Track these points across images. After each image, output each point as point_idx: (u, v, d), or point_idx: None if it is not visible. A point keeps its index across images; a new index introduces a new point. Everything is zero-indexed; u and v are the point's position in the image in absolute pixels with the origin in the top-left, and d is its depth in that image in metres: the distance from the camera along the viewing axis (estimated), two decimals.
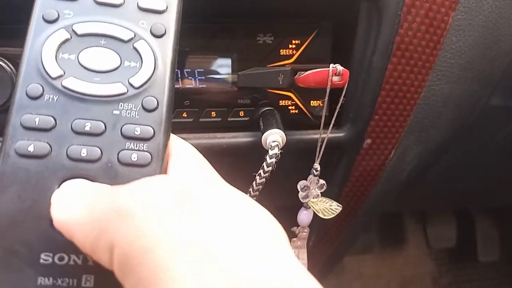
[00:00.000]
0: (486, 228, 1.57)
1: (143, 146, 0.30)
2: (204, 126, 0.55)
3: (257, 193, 0.49)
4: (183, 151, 0.32)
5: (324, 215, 0.53)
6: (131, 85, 0.31)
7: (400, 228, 1.59)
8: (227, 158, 0.58)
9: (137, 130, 0.30)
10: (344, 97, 0.50)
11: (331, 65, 0.48)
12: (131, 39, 0.32)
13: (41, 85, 0.30)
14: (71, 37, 0.32)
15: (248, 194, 0.49)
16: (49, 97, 0.30)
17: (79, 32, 0.32)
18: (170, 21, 0.34)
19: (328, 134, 0.52)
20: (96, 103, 0.30)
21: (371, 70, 0.52)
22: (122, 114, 0.30)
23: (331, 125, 0.52)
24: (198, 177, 0.29)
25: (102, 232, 0.25)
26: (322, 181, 0.53)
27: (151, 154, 0.30)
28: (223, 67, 0.53)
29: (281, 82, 0.53)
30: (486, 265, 1.58)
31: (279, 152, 0.48)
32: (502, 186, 0.90)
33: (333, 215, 0.54)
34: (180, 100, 0.53)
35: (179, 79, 0.53)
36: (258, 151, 0.50)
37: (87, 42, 0.32)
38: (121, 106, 0.30)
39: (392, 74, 0.52)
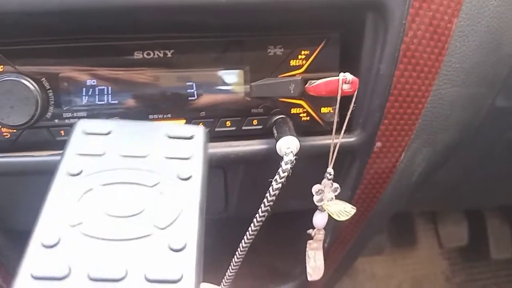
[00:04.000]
0: (497, 226, 1.57)
1: None
2: (219, 135, 0.57)
3: (273, 198, 0.51)
4: None
5: (339, 217, 0.55)
6: (156, 226, 0.29)
7: (411, 229, 1.59)
8: (243, 165, 0.60)
9: (163, 272, 0.27)
10: (354, 103, 0.52)
11: (341, 74, 0.50)
12: (156, 184, 0.31)
13: (58, 233, 0.28)
14: (94, 187, 0.31)
15: (265, 200, 0.51)
16: (66, 244, 0.28)
17: (103, 182, 0.31)
18: (196, 165, 0.33)
19: (340, 140, 0.54)
20: (117, 246, 0.28)
21: (379, 77, 0.54)
22: (146, 255, 0.28)
23: (342, 131, 0.54)
24: None
25: None
26: (336, 185, 0.55)
27: None
28: (236, 78, 0.56)
29: (292, 91, 0.55)
30: (499, 263, 1.58)
31: (294, 158, 0.50)
32: (510, 185, 0.91)
33: (347, 217, 0.55)
34: (196, 111, 0.56)
35: (195, 91, 0.55)
36: (272, 158, 0.53)
37: (110, 190, 0.31)
38: (144, 247, 0.28)
39: (399, 80, 0.54)
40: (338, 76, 0.51)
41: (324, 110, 0.58)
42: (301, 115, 0.58)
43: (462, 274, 1.60)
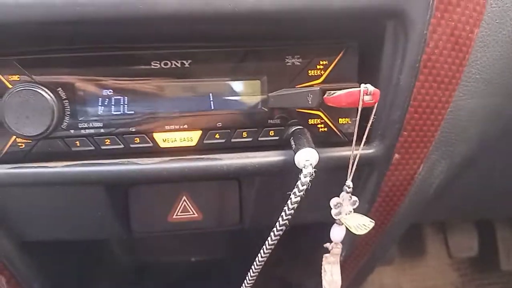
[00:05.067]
0: (507, 236, 1.56)
1: None
2: (236, 146, 0.56)
3: (292, 211, 0.50)
4: None
5: (357, 231, 0.54)
6: None
7: (420, 239, 1.58)
8: (258, 177, 0.60)
9: None
10: (374, 115, 0.51)
11: (362, 85, 0.49)
12: None
13: None
14: None
15: (283, 213, 0.50)
16: None
17: None
18: None
19: (360, 151, 0.53)
20: None
21: (399, 87, 0.53)
22: None
23: (362, 143, 0.53)
24: None
25: None
26: (354, 198, 0.54)
27: None
28: (253, 89, 0.55)
29: (310, 102, 0.54)
30: (509, 274, 1.56)
31: (313, 171, 0.49)
32: None
33: (366, 231, 0.54)
34: (212, 122, 0.55)
35: (211, 102, 0.54)
36: (290, 169, 0.52)
37: None
38: None
39: (419, 91, 0.53)
40: (359, 87, 0.50)
41: (342, 121, 0.57)
42: (319, 125, 0.57)
43: (471, 285, 1.58)
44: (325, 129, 0.57)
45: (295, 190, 0.50)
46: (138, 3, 0.45)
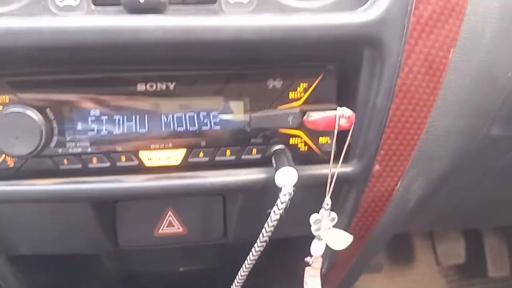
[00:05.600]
0: (495, 243, 1.58)
1: None
2: (219, 164, 0.58)
3: (272, 228, 0.52)
4: None
5: (336, 247, 0.56)
6: None
7: (408, 246, 1.60)
8: (242, 193, 0.62)
9: None
10: (350, 137, 0.53)
11: (338, 109, 0.51)
12: None
13: None
14: None
15: (264, 230, 0.52)
16: None
17: None
18: None
19: (337, 169, 0.55)
20: None
21: (375, 109, 0.55)
22: None
23: (340, 161, 0.55)
24: None
25: None
26: (333, 214, 0.56)
27: None
28: (236, 109, 0.57)
29: (290, 123, 0.56)
30: (496, 280, 1.59)
31: (292, 190, 0.51)
32: (508, 207, 0.92)
33: (345, 246, 0.57)
34: (197, 141, 0.57)
35: (196, 122, 0.56)
36: (271, 187, 0.54)
37: None
38: None
39: (395, 113, 0.55)
40: (336, 110, 0.52)
41: (322, 140, 0.59)
42: (299, 145, 0.59)
43: None
44: (305, 148, 0.59)
45: (275, 208, 0.52)
46: (123, 30, 0.47)
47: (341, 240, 0.58)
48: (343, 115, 0.51)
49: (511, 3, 0.58)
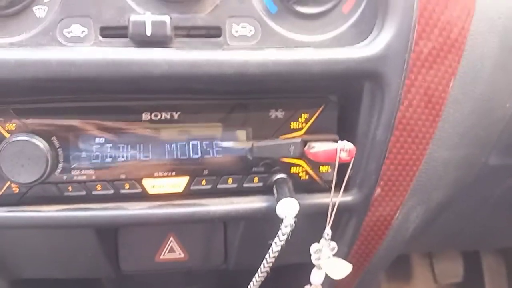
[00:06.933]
0: (493, 263, 1.58)
1: None
2: (221, 191, 0.59)
3: (273, 259, 0.53)
4: None
5: (336, 276, 0.57)
6: None
7: (406, 264, 1.60)
8: (243, 220, 0.62)
9: None
10: (350, 169, 0.54)
11: (339, 142, 0.52)
12: None
13: None
14: None
15: (265, 261, 0.53)
16: None
17: None
18: None
19: (338, 199, 0.56)
20: None
21: (375, 141, 0.56)
22: None
23: (341, 191, 0.56)
24: None
25: None
26: (333, 244, 0.57)
27: None
28: (239, 138, 0.58)
29: (292, 153, 0.57)
30: None
31: (293, 221, 0.52)
32: (505, 232, 0.93)
33: (344, 275, 0.57)
34: (200, 169, 0.58)
35: (199, 150, 0.57)
36: (272, 216, 0.54)
37: None
38: None
39: (395, 145, 0.56)
40: (338, 139, 0.53)
41: (322, 169, 0.60)
42: (300, 174, 0.60)
43: None
44: (307, 177, 0.60)
45: (276, 239, 0.52)
46: (130, 63, 0.48)
47: (341, 269, 0.58)
48: (344, 148, 0.52)
49: (510, 37, 0.60)
